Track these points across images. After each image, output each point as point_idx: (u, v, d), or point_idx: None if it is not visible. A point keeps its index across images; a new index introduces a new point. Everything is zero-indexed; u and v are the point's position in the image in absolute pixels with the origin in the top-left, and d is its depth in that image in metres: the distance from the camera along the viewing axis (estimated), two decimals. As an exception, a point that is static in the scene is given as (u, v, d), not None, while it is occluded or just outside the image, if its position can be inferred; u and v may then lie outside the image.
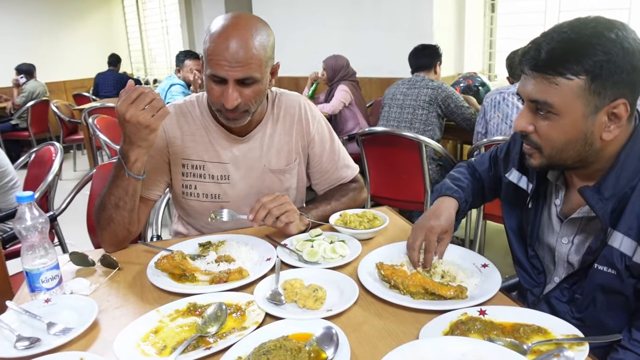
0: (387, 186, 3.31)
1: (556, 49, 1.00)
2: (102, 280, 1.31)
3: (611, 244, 1.07)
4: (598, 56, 0.97)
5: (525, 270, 1.30)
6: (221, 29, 1.37)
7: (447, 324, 1.01)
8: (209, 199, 1.62)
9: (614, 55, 0.96)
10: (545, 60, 1.01)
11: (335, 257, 1.34)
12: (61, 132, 6.75)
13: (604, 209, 1.06)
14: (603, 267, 1.09)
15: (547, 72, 1.01)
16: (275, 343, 0.91)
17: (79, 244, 2.56)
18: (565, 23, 1.03)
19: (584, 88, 0.99)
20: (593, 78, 0.98)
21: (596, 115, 1.02)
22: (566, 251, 1.20)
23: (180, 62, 4.60)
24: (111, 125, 4.56)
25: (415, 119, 3.38)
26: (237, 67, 1.35)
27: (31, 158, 2.81)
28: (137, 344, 1.00)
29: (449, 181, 1.45)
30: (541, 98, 1.03)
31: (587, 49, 0.98)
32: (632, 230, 1.04)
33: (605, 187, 1.07)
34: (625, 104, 1.01)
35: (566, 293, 1.20)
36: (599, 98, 1.00)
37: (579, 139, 1.04)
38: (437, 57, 3.55)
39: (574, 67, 0.99)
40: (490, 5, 4.85)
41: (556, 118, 1.04)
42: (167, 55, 9.37)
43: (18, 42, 8.47)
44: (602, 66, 0.97)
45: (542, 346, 0.93)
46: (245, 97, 1.41)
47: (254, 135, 1.61)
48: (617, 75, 0.98)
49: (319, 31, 5.75)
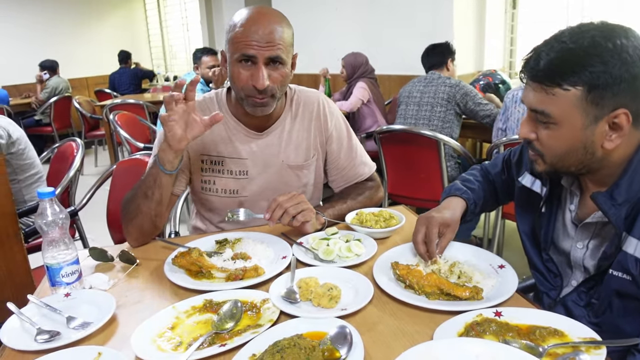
0: (405, 185, 3.30)
1: (554, 60, 1.00)
2: (120, 275, 1.33)
3: (626, 250, 1.05)
4: (595, 67, 0.96)
5: (541, 273, 1.29)
6: (248, 16, 1.43)
7: (462, 325, 1.01)
8: (227, 194, 1.63)
9: (612, 66, 0.95)
10: (543, 70, 1.01)
11: (350, 255, 1.34)
12: (83, 127, 6.86)
13: (618, 215, 1.05)
14: (618, 272, 1.07)
15: (544, 83, 1.02)
16: (289, 341, 0.92)
17: (99, 238, 2.61)
18: (567, 31, 1.02)
19: (582, 99, 0.99)
20: (590, 89, 0.97)
21: (596, 125, 1.01)
22: (581, 256, 1.19)
23: (198, 59, 4.63)
24: (131, 121, 4.62)
25: (434, 116, 3.36)
26: (267, 46, 1.40)
27: (53, 153, 2.86)
28: (154, 339, 1.01)
29: (459, 182, 1.45)
30: (540, 108, 1.04)
31: (584, 60, 0.97)
32: None
33: (618, 192, 1.06)
34: (627, 114, 0.99)
35: (583, 297, 1.18)
36: (598, 108, 0.99)
37: (579, 147, 1.04)
38: (448, 54, 3.53)
39: (571, 78, 0.98)
40: (511, 2, 4.79)
41: (555, 127, 1.04)
42: (187, 51, 9.44)
43: (42, 39, 8.63)
44: (599, 77, 0.96)
45: (559, 349, 0.92)
46: (273, 80, 1.44)
47: (273, 131, 1.62)
48: (616, 85, 0.96)
49: (338, 28, 5.74)
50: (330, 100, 1.76)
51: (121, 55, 8.17)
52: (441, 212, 1.34)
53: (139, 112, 5.35)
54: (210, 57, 4.64)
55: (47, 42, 8.64)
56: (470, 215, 1.42)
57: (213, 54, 4.68)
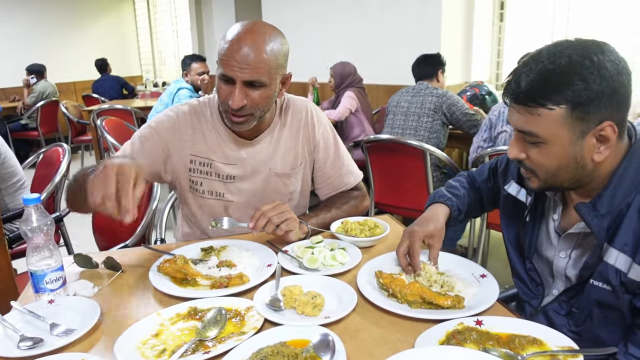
0: (391, 194, 3.32)
1: (534, 81, 1.02)
2: (105, 282, 1.33)
3: (607, 260, 1.07)
4: (576, 85, 0.98)
5: (524, 282, 1.31)
6: (236, 33, 1.41)
7: (444, 334, 1.02)
8: (213, 196, 1.64)
9: (592, 82, 0.98)
10: (525, 92, 1.03)
11: (335, 264, 1.35)
12: (70, 132, 6.81)
13: (600, 226, 1.07)
14: (599, 282, 1.10)
15: (528, 104, 1.04)
16: (272, 349, 0.93)
17: (84, 245, 2.59)
18: (544, 51, 1.05)
19: (567, 116, 1.01)
20: (574, 106, 1.00)
21: (584, 139, 1.03)
22: (564, 265, 1.21)
23: (187, 66, 4.64)
24: (119, 127, 4.60)
25: (420, 127, 3.39)
26: (246, 69, 1.39)
27: (39, 158, 2.85)
28: (138, 346, 1.01)
29: (444, 189, 1.47)
30: (526, 128, 1.06)
31: (564, 79, 0.99)
32: (627, 247, 1.05)
33: (601, 203, 1.08)
34: (612, 125, 1.02)
35: (564, 306, 1.20)
36: (584, 123, 1.01)
37: (570, 163, 1.06)
38: (439, 65, 3.57)
39: (553, 98, 1.00)
40: (499, 15, 4.85)
41: (545, 146, 1.06)
42: (177, 58, 9.43)
43: (29, 42, 8.56)
44: (581, 94, 0.99)
45: (537, 357, 0.94)
46: (252, 100, 1.44)
47: (262, 139, 1.64)
48: (598, 100, 0.99)
49: (328, 38, 5.78)
50: (319, 109, 1.77)
51: (98, 64, 8.10)
52: (424, 225, 1.35)
53: (126, 118, 5.32)
54: (199, 64, 4.65)
55: (35, 46, 8.57)
56: (454, 221, 1.43)
57: (202, 61, 4.69)
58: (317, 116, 1.72)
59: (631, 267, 1.04)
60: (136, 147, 1.59)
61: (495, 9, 4.85)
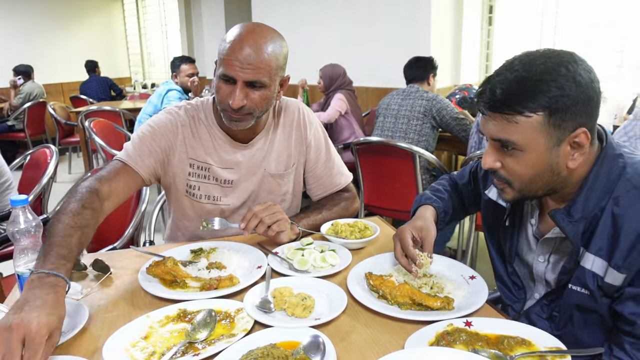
0: (381, 196, 3.33)
1: (511, 88, 1.03)
2: (93, 284, 1.31)
3: (583, 265, 1.09)
4: (552, 92, 1.00)
5: (506, 285, 1.33)
6: (238, 33, 1.42)
7: (433, 335, 1.03)
8: (210, 200, 1.64)
9: (568, 89, 1.00)
10: (502, 100, 1.04)
11: (325, 266, 1.35)
12: (57, 134, 6.75)
13: (575, 231, 1.09)
14: (577, 287, 1.11)
15: (504, 112, 1.04)
16: (262, 351, 0.93)
17: (72, 247, 2.56)
18: (516, 60, 1.06)
19: (544, 123, 1.02)
20: (551, 113, 1.01)
21: (559, 146, 1.05)
22: (543, 269, 1.23)
23: (176, 68, 4.62)
24: (107, 128, 4.57)
25: (410, 129, 3.41)
26: (247, 69, 1.39)
27: (26, 160, 2.82)
28: (127, 349, 1.00)
29: (429, 192, 1.48)
30: (503, 137, 1.06)
31: (541, 86, 1.01)
32: (602, 251, 1.06)
33: (575, 209, 1.10)
34: (586, 132, 1.03)
35: (546, 310, 1.22)
36: (560, 130, 1.03)
37: (546, 170, 1.08)
38: (430, 69, 3.58)
39: (530, 105, 1.01)
40: (487, 19, 4.89)
41: (521, 154, 1.07)
42: (166, 59, 9.39)
43: (16, 43, 8.49)
44: (557, 101, 1.00)
45: (525, 358, 0.95)
46: (252, 101, 1.44)
47: (257, 141, 1.64)
48: (574, 107, 1.01)
49: (317, 40, 5.79)
50: (310, 110, 1.78)
51: (88, 65, 8.05)
52: (411, 222, 1.36)
53: (115, 120, 5.29)
54: (189, 65, 4.63)
55: (22, 47, 8.50)
56: (441, 224, 1.43)
57: (191, 62, 4.68)
58: (308, 117, 1.73)
59: (607, 271, 1.06)
60: (137, 146, 1.55)
61: (484, 13, 4.89)
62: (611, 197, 1.06)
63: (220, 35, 7.71)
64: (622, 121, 3.13)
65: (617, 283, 1.05)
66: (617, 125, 3.25)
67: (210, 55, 8.16)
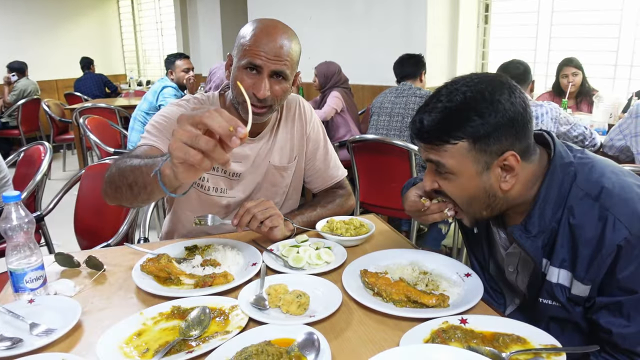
0: (377, 194, 3.33)
1: (435, 120, 1.07)
2: (87, 281, 1.31)
3: (549, 279, 1.10)
4: (473, 120, 1.03)
5: (487, 291, 1.33)
6: (263, 26, 1.45)
7: (429, 332, 1.03)
8: (217, 192, 1.64)
9: (488, 116, 1.02)
10: (428, 132, 1.09)
11: (320, 263, 1.35)
12: (52, 131, 6.72)
13: (534, 246, 1.10)
14: (548, 300, 1.13)
15: (433, 142, 1.08)
16: (257, 348, 0.92)
17: (66, 245, 2.55)
18: (443, 90, 1.09)
19: (469, 149, 1.05)
20: (475, 140, 1.04)
21: (489, 170, 1.07)
22: (514, 279, 1.24)
23: (171, 64, 4.61)
24: (102, 125, 4.55)
25: (405, 127, 3.41)
26: (274, 59, 1.42)
27: (20, 157, 2.80)
28: (120, 346, 1.00)
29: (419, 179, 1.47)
30: (435, 160, 1.09)
31: (462, 116, 1.04)
32: (565, 263, 1.07)
33: (531, 223, 1.10)
34: (514, 155, 1.05)
35: (525, 317, 1.22)
36: (487, 155, 1.05)
37: (480, 193, 1.10)
38: (422, 66, 3.59)
39: (454, 134, 1.05)
40: (483, 17, 4.90)
41: (453, 177, 1.10)
42: (161, 57, 9.37)
43: (10, 39, 8.43)
44: (479, 129, 1.03)
45: (520, 355, 0.95)
46: (274, 92, 1.46)
47: (264, 135, 1.66)
48: (496, 132, 1.03)
49: (313, 37, 5.77)
50: (308, 103, 1.80)
51: (83, 62, 8.01)
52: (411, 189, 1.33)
53: (109, 117, 5.27)
54: (183, 61, 4.62)
55: (16, 43, 8.44)
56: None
57: (186, 58, 4.66)
58: (307, 110, 1.76)
59: (572, 283, 1.06)
60: (156, 132, 1.51)
61: (480, 12, 4.89)
62: (565, 207, 1.07)
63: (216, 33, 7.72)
64: (618, 120, 3.14)
65: (583, 294, 1.06)
66: (612, 124, 3.26)
67: (206, 52, 8.13)
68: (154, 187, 1.16)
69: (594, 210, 1.03)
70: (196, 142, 0.93)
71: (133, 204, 1.33)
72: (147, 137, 1.52)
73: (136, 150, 1.48)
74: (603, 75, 4.19)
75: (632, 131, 2.68)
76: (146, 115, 4.34)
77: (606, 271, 1.02)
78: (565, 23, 4.33)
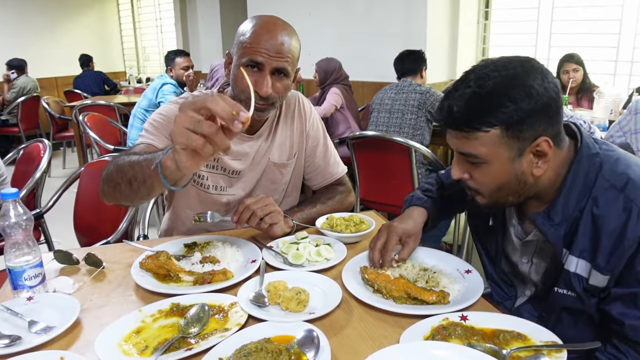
0: (377, 190, 3.32)
1: (466, 106, 1.04)
2: (85, 279, 1.30)
3: (568, 268, 1.09)
4: (506, 107, 1.00)
5: (497, 283, 1.32)
6: (263, 23, 1.44)
7: (429, 329, 1.02)
8: (217, 190, 1.63)
9: (521, 102, 1.00)
10: (458, 119, 1.05)
11: (320, 260, 1.34)
12: (51, 128, 6.70)
13: (556, 234, 1.09)
14: (563, 290, 1.11)
15: (463, 129, 1.05)
16: (256, 345, 0.92)
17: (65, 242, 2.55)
18: (471, 75, 1.06)
19: (502, 136, 1.02)
20: (507, 127, 1.01)
21: (522, 156, 1.05)
22: (527, 270, 1.23)
23: (171, 61, 4.59)
24: (101, 123, 4.54)
25: (405, 124, 3.40)
26: (275, 56, 1.41)
27: (19, 154, 2.79)
28: (119, 343, 0.99)
29: (420, 192, 1.46)
30: (466, 151, 1.07)
31: (494, 102, 1.01)
32: (585, 253, 1.06)
33: (554, 212, 1.09)
34: (547, 141, 1.04)
35: (537, 308, 1.21)
36: (519, 141, 1.03)
37: (512, 180, 1.08)
38: (422, 62, 3.57)
39: (486, 121, 1.02)
40: (484, 13, 4.88)
41: (485, 166, 1.07)
42: (161, 54, 9.35)
43: (10, 37, 8.41)
44: (512, 115, 1.00)
45: (521, 352, 0.94)
46: (276, 89, 1.45)
47: (263, 132, 1.64)
48: (530, 118, 1.01)
49: (313, 34, 5.76)
50: (307, 100, 1.79)
51: (82, 59, 7.99)
52: (404, 222, 1.34)
53: (109, 114, 5.25)
54: (183, 58, 4.61)
55: (16, 40, 8.42)
56: (431, 224, 1.41)
57: (186, 55, 4.65)
58: (307, 107, 1.75)
59: (591, 273, 1.06)
60: (154, 131, 1.50)
61: (480, 7, 4.88)
62: (590, 197, 1.06)
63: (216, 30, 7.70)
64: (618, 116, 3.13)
65: (601, 285, 1.05)
66: (612, 120, 3.25)
67: (206, 50, 8.12)
68: (154, 181, 1.16)
69: (619, 201, 1.03)
70: (199, 127, 0.94)
71: (131, 201, 1.32)
72: (144, 136, 1.52)
73: (134, 148, 1.47)
74: (604, 72, 4.18)
75: (632, 128, 2.67)
76: (145, 113, 4.33)
77: (625, 262, 1.02)
78: (566, 19, 4.32)
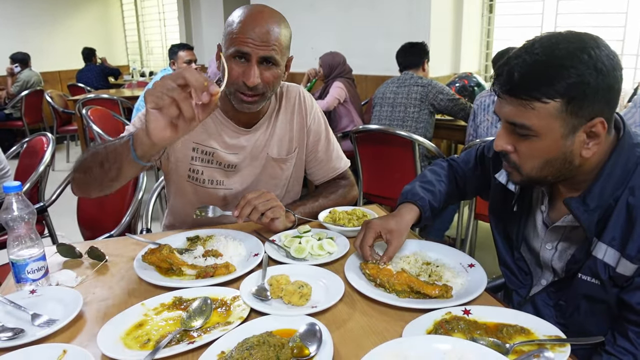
0: (380, 184, 3.32)
1: (529, 73, 0.99)
2: (88, 272, 1.30)
3: (595, 255, 1.07)
4: (572, 79, 0.96)
5: (512, 270, 1.31)
6: (249, 13, 1.43)
7: (431, 323, 1.02)
8: (213, 185, 1.62)
9: (588, 77, 0.96)
10: (519, 85, 1.00)
11: (322, 254, 1.34)
12: (55, 122, 6.72)
13: (590, 220, 1.06)
14: (587, 277, 1.10)
15: (521, 97, 1.01)
16: (258, 338, 0.92)
17: (69, 235, 2.56)
18: (537, 43, 1.02)
19: (561, 110, 0.98)
20: (569, 100, 0.97)
21: (575, 134, 1.02)
22: (550, 257, 1.21)
23: (174, 55, 4.58)
24: (105, 116, 4.54)
25: (407, 117, 3.39)
26: (262, 45, 1.39)
27: (23, 148, 2.80)
28: (122, 337, 0.99)
29: (418, 185, 1.42)
30: (519, 121, 1.03)
31: (560, 72, 0.97)
32: (615, 241, 1.04)
33: (590, 198, 1.07)
34: (603, 122, 1.00)
35: (552, 297, 1.20)
36: (576, 118, 0.99)
37: (559, 158, 1.05)
38: (424, 54, 3.55)
39: (548, 91, 0.98)
40: (488, 6, 4.85)
41: (536, 139, 1.03)
42: (164, 47, 9.33)
43: (13, 30, 8.41)
44: (576, 88, 0.96)
45: (524, 346, 0.94)
46: (264, 79, 1.43)
47: (260, 126, 1.63)
48: (592, 95, 0.97)
49: (317, 27, 5.74)
50: (309, 94, 1.78)
51: (85, 53, 7.99)
52: (385, 220, 1.31)
53: (112, 108, 5.26)
54: (186, 52, 4.59)
55: (19, 34, 8.42)
56: (426, 220, 1.37)
57: (189, 49, 4.64)
58: (308, 101, 1.73)
59: (619, 261, 1.04)
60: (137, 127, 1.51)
61: (485, 1, 4.84)
62: (627, 186, 1.04)
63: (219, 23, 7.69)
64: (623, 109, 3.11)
65: (628, 273, 1.03)
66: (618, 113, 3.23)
67: (209, 43, 8.09)
68: (124, 159, 1.20)
69: None
70: (170, 92, 1.02)
71: (100, 184, 1.32)
72: (130, 129, 1.52)
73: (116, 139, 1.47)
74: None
75: (636, 120, 2.65)
76: (148, 107, 4.32)
77: None
78: (570, 12, 4.28)
